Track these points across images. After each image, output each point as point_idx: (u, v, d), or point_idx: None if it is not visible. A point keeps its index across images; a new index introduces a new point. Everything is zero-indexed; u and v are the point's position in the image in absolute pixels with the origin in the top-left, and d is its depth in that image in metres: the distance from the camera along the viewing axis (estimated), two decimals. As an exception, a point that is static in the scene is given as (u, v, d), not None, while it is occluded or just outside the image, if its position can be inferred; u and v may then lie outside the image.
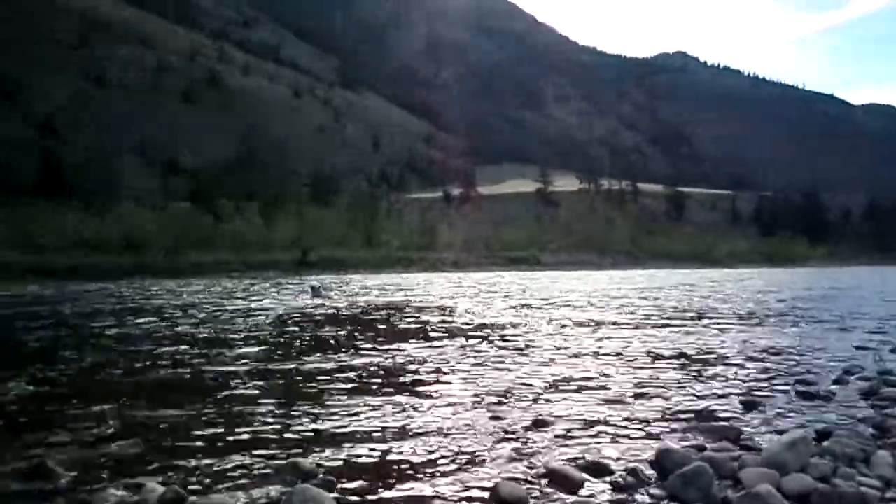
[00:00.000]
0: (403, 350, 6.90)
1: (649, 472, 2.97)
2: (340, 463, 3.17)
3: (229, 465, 3.13)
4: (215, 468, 3.10)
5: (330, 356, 6.48)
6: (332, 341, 7.75)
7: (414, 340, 7.73)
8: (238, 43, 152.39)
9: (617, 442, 3.47)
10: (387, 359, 6.31)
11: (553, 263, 48.54)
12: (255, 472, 3.05)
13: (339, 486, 2.85)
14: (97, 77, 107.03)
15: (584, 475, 2.93)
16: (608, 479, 2.92)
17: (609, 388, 4.84)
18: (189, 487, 2.81)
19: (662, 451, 3.06)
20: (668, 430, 3.72)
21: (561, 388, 4.89)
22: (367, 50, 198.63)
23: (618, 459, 3.16)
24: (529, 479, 2.93)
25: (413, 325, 9.53)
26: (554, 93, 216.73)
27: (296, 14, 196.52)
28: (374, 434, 3.65)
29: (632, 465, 3.04)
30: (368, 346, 7.24)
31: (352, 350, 6.92)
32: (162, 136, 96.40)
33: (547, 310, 12.16)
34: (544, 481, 2.90)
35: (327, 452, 3.32)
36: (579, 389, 4.82)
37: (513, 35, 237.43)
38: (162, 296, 16.73)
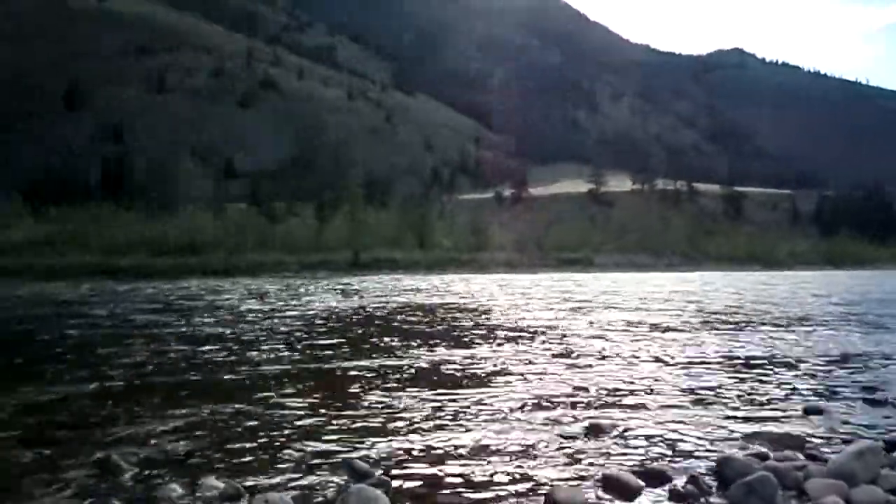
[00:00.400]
0: (451, 352, 6.89)
1: (709, 480, 2.89)
2: (393, 464, 3.18)
3: (284, 464, 3.19)
4: (270, 466, 3.15)
5: (375, 357, 6.52)
6: (377, 343, 7.78)
7: (462, 342, 7.72)
8: (293, 47, 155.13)
9: (675, 449, 3.40)
10: (435, 361, 6.31)
11: (606, 265, 47.91)
12: (310, 470, 3.09)
13: (394, 487, 2.86)
14: (158, 84, 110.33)
15: (642, 482, 2.87)
16: (666, 486, 2.86)
17: (666, 394, 4.75)
18: (245, 485, 2.86)
19: (723, 459, 2.98)
20: (727, 437, 3.62)
21: (616, 392, 4.81)
22: (419, 52, 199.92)
23: (676, 466, 3.09)
24: (585, 484, 2.90)
25: (461, 327, 9.52)
26: (607, 91, 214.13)
27: (349, 17, 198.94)
28: (426, 436, 3.66)
29: (691, 472, 2.97)
30: (415, 348, 7.24)
31: (399, 351, 6.94)
32: (219, 139, 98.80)
33: (600, 312, 12.00)
34: (600, 487, 2.86)
35: (379, 454, 3.34)
36: (635, 394, 4.74)
37: (565, 35, 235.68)
38: (204, 296, 17.10)
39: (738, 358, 6.46)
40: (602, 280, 28.47)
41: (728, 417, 4.06)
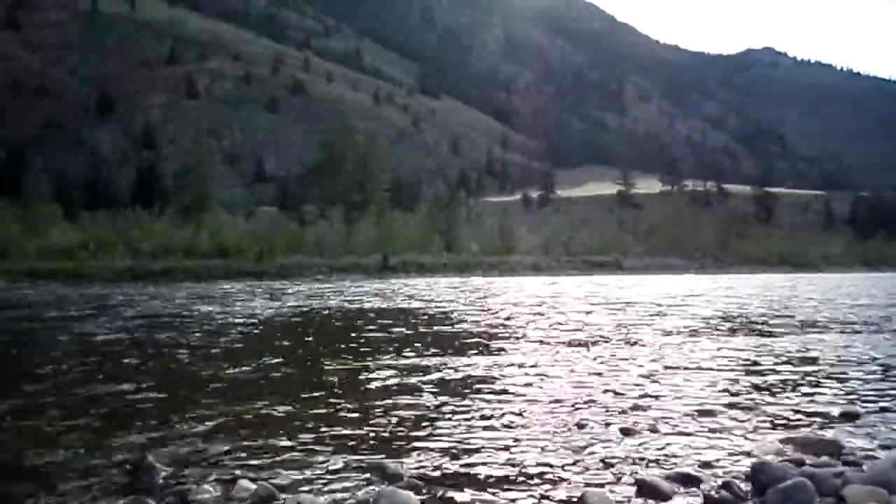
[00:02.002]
0: (479, 355, 6.88)
1: (744, 486, 2.84)
2: (423, 467, 3.18)
3: (315, 465, 3.21)
4: (302, 468, 3.17)
5: (402, 361, 6.52)
6: (404, 346, 7.78)
7: (488, 345, 7.69)
8: (321, 52, 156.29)
9: (708, 453, 3.35)
10: (464, 364, 6.31)
11: (635, 267, 47.50)
12: (341, 473, 3.10)
13: (424, 490, 2.86)
14: (188, 90, 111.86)
15: (675, 487, 2.84)
16: (700, 491, 2.82)
17: (699, 398, 4.69)
18: (278, 486, 2.88)
19: (758, 465, 2.93)
20: (762, 442, 3.56)
21: (648, 396, 4.76)
22: (445, 55, 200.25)
23: (710, 472, 3.05)
24: (617, 489, 2.87)
25: (489, 329, 9.50)
26: (635, 93, 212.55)
27: (376, 21, 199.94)
28: (455, 439, 3.65)
29: (725, 478, 2.93)
30: (440, 351, 7.23)
31: (424, 355, 6.92)
32: (249, 144, 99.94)
33: (629, 315, 11.89)
34: (632, 491, 2.83)
35: (409, 456, 3.34)
36: (667, 398, 4.69)
37: (592, 35, 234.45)
38: (233, 298, 17.26)
39: (772, 362, 6.35)
40: (632, 283, 28.25)
41: (762, 422, 4.00)
